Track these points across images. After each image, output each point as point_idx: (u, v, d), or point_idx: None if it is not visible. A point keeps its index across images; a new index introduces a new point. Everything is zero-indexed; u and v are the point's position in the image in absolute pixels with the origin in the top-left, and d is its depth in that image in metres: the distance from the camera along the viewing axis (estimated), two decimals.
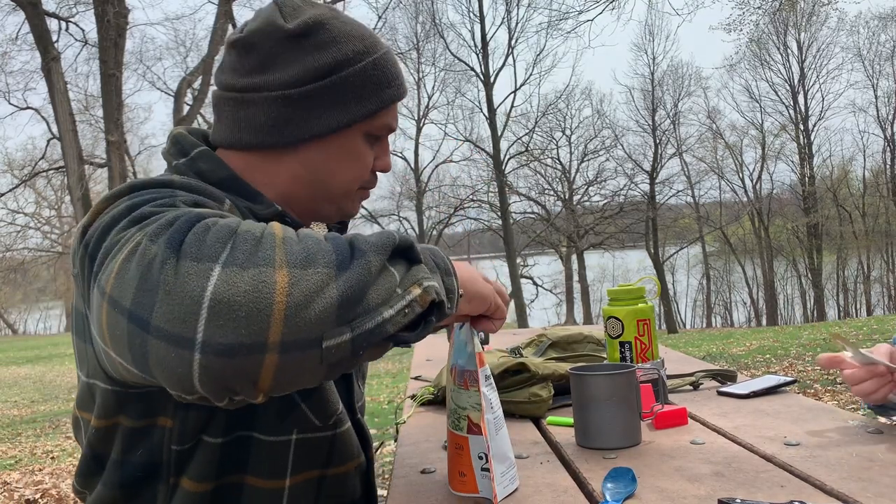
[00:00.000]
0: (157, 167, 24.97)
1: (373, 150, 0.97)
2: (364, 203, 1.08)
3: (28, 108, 14.91)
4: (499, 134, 19.61)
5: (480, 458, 0.95)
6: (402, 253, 0.70)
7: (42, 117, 14.49)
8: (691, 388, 1.61)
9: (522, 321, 18.67)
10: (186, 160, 0.90)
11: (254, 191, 0.91)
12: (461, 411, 0.96)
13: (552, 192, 22.73)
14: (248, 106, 0.91)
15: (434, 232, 21.13)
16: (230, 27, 11.68)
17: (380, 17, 16.61)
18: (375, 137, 0.97)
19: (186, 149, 0.91)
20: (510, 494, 0.96)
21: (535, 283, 23.47)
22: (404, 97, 0.98)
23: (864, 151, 24.12)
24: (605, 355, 1.71)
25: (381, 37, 1.03)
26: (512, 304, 20.24)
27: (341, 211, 1.01)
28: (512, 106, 20.78)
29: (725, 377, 1.65)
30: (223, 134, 0.94)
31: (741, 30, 15.30)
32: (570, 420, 1.30)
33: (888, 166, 23.39)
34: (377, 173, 1.01)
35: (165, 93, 15.84)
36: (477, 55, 19.73)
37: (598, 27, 52.36)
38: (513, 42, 19.90)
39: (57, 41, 10.90)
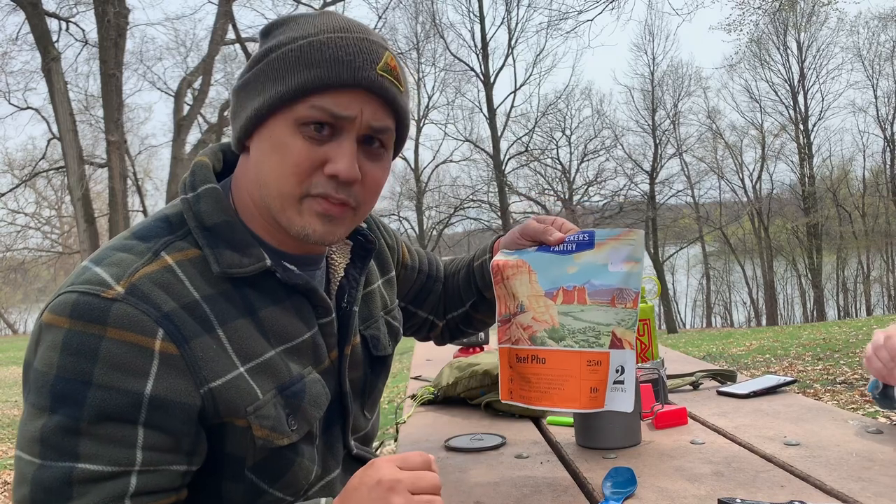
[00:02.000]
0: (157, 167, 24.96)
1: (318, 147, 0.83)
2: None
3: (28, 108, 14.89)
4: (499, 134, 19.61)
5: (618, 370, 0.99)
6: None
7: (42, 117, 14.48)
8: (691, 388, 1.61)
9: None
10: (193, 196, 0.88)
11: (245, 240, 0.86)
12: (602, 328, 1.00)
13: (552, 192, 22.74)
14: None
15: (434, 232, 21.13)
16: (230, 27, 11.67)
17: (380, 17, 16.61)
18: (318, 130, 0.83)
19: (196, 184, 0.89)
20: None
21: None
22: (349, 84, 0.82)
23: (864, 151, 24.13)
24: None
25: (369, 31, 0.87)
26: None
27: (295, 228, 0.85)
28: (512, 106, 20.81)
29: (725, 377, 1.65)
30: None
31: (741, 30, 15.30)
32: (570, 420, 1.30)
33: (888, 166, 23.37)
34: (335, 182, 0.84)
35: (165, 93, 15.83)
36: (477, 55, 19.74)
37: (598, 27, 52.24)
38: (513, 42, 19.91)
39: (57, 41, 10.89)
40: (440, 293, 1.31)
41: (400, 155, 0.99)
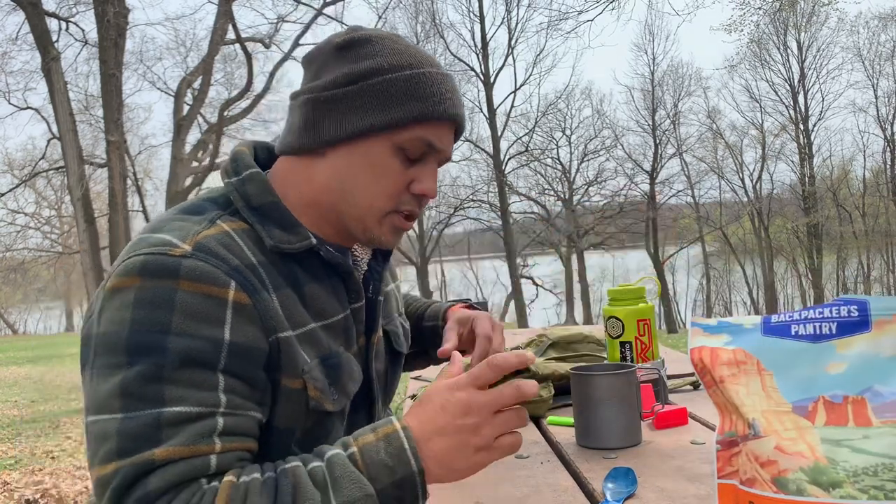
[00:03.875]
0: (157, 167, 24.95)
1: (408, 169, 0.92)
2: None
3: (28, 108, 14.88)
4: (499, 134, 19.60)
5: None
6: None
7: (42, 117, 14.47)
8: (691, 388, 1.61)
9: (522, 321, 18.68)
10: (237, 180, 0.93)
11: (291, 220, 0.91)
12: None
13: (552, 192, 22.72)
14: (293, 111, 0.97)
15: (434, 232, 21.16)
16: (230, 27, 11.68)
17: (380, 17, 16.57)
18: (412, 155, 0.92)
19: (240, 169, 0.94)
20: None
21: (535, 283, 23.46)
22: (447, 118, 0.92)
23: (864, 151, 24.09)
24: (605, 355, 1.71)
25: (439, 62, 0.97)
26: (512, 304, 20.21)
27: (368, 235, 0.94)
28: (512, 106, 20.78)
29: None
30: (279, 139, 1.00)
31: (741, 30, 15.32)
32: (571, 420, 1.30)
33: (888, 166, 23.36)
34: (419, 199, 0.94)
35: (165, 93, 15.78)
36: (477, 55, 19.73)
37: (598, 27, 52.36)
38: (513, 42, 19.89)
39: (57, 41, 10.88)
40: None
41: None
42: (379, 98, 0.89)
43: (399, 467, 0.75)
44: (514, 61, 26.57)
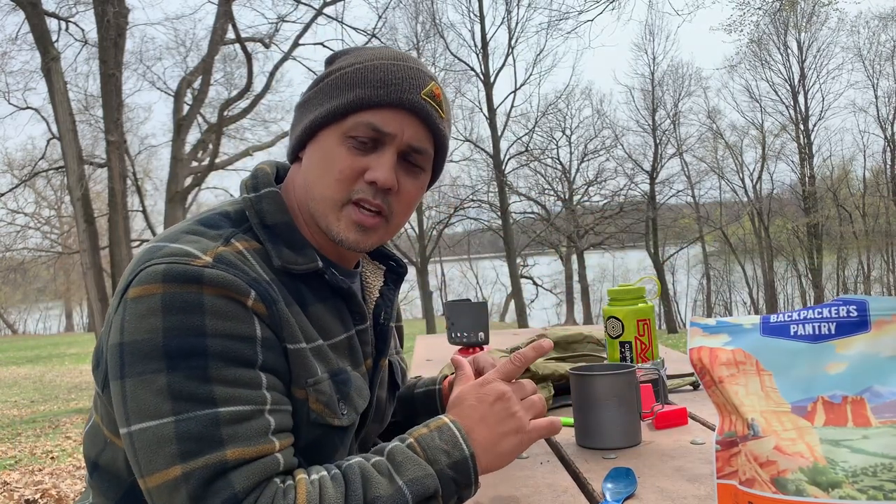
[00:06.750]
0: (156, 167, 24.95)
1: (361, 157, 0.90)
2: None
3: (28, 108, 14.83)
4: (499, 134, 19.58)
5: None
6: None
7: (42, 117, 14.42)
8: (691, 388, 1.61)
9: (522, 321, 18.67)
10: (255, 196, 0.94)
11: (301, 242, 0.92)
12: None
13: (552, 192, 22.71)
14: None
15: (434, 232, 21.15)
16: (230, 27, 11.67)
17: (380, 17, 16.50)
18: (363, 143, 0.90)
19: (259, 186, 0.95)
20: None
21: (535, 283, 23.48)
22: (392, 103, 0.90)
23: (864, 151, 24.11)
24: (605, 355, 1.71)
25: (420, 63, 0.96)
26: (512, 304, 20.20)
27: (331, 233, 0.92)
28: (512, 106, 20.78)
29: None
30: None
31: (741, 31, 15.31)
32: (570, 420, 1.30)
33: (888, 166, 23.36)
34: (375, 189, 0.91)
35: (165, 93, 15.72)
36: (477, 55, 19.71)
37: (598, 27, 52.28)
38: (513, 42, 19.87)
39: (57, 41, 10.85)
40: None
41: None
42: (328, 92, 0.93)
43: (454, 451, 0.82)
44: (514, 61, 26.64)
